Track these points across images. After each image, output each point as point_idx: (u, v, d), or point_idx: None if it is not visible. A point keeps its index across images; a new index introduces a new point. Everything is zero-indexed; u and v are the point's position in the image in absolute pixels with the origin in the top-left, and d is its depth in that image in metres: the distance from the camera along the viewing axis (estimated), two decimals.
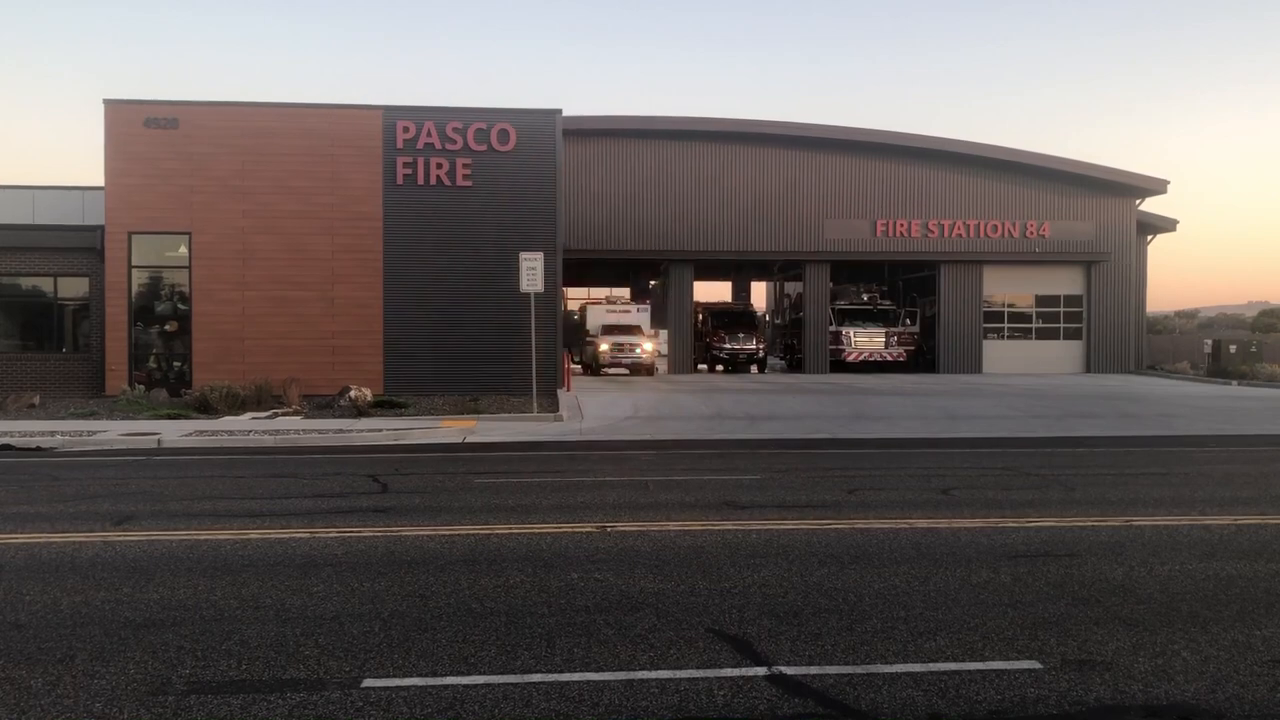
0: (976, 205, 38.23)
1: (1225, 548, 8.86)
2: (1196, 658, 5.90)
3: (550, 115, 26.92)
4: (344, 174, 26.09)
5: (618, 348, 36.73)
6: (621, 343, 36.76)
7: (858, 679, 5.52)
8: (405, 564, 8.17)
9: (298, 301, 25.91)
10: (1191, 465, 14.81)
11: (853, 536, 9.29)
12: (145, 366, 25.80)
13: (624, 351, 36.66)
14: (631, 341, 36.80)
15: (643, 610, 6.82)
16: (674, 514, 10.41)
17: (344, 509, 10.90)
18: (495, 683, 5.45)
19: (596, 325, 38.78)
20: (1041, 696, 5.29)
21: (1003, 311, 39.77)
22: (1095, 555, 8.51)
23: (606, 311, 40.44)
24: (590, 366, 38.29)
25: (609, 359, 36.71)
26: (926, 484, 12.79)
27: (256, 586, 7.44)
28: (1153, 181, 39.05)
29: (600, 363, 36.85)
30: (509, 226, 26.16)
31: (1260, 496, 11.75)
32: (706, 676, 5.56)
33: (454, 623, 6.53)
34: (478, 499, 11.50)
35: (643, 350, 36.81)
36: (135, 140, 25.48)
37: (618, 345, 36.77)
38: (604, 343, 36.87)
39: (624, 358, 36.68)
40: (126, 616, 6.67)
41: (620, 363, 36.74)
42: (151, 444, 16.98)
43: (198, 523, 9.95)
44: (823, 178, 37.81)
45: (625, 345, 36.71)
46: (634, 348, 36.63)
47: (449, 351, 26.16)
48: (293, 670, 5.65)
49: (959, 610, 6.85)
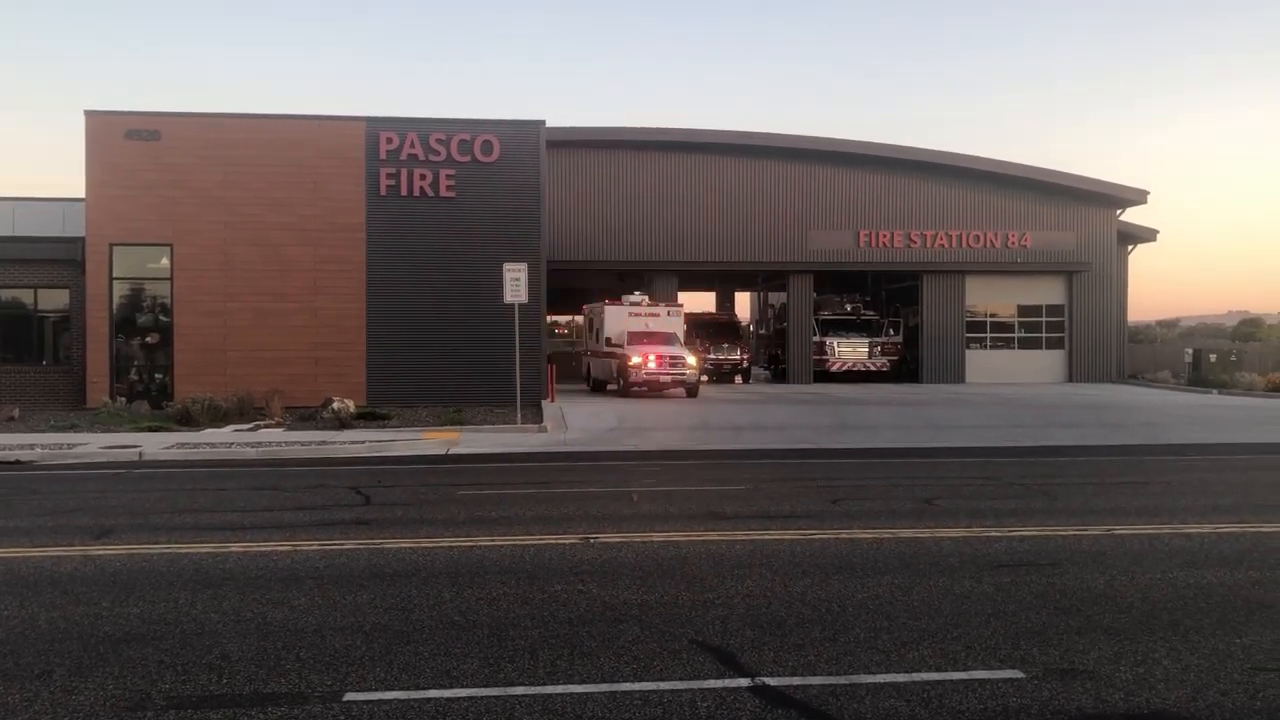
0: (959, 216, 38.42)
1: (1206, 556, 8.91)
2: (1177, 666, 5.93)
3: (534, 126, 26.98)
4: (327, 185, 26.05)
5: (655, 361, 29.43)
6: (660, 355, 29.55)
7: (841, 689, 5.52)
8: (388, 576, 8.13)
9: (280, 313, 25.83)
10: (1172, 474, 14.90)
11: (836, 546, 9.29)
12: (126, 379, 25.66)
13: (663, 366, 29.44)
14: (672, 354, 29.76)
15: (626, 622, 6.80)
16: (658, 525, 10.40)
17: (326, 521, 10.84)
18: (478, 695, 5.42)
19: (619, 332, 31.25)
20: (1024, 706, 5.30)
21: (985, 321, 39.95)
22: (1077, 564, 8.54)
23: (630, 315, 32.03)
24: (601, 383, 32.42)
25: (642, 376, 29.31)
26: (910, 494, 12.82)
27: (237, 600, 7.39)
28: (1133, 192, 39.36)
29: (630, 380, 29.37)
30: (492, 237, 26.15)
31: (1240, 504, 11.82)
32: (690, 688, 5.54)
33: (436, 635, 6.50)
34: (461, 511, 11.46)
35: (686, 365, 29.73)
36: (116, 151, 25.39)
37: (656, 359, 29.46)
38: (634, 354, 29.50)
39: (664, 374, 29.49)
40: (106, 631, 6.62)
41: (659, 380, 29.55)
42: (133, 457, 16.86)
43: (179, 536, 9.88)
44: (806, 188, 37.93)
45: (664, 358, 29.48)
46: (676, 361, 29.57)
47: (433, 363, 26.11)
48: (274, 684, 5.61)
49: (942, 620, 6.86)
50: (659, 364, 29.40)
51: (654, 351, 29.67)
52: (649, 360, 29.38)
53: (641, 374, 29.28)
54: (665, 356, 29.50)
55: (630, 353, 29.75)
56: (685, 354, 30.20)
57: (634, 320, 31.76)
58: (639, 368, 29.29)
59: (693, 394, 29.98)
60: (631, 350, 29.84)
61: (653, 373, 29.36)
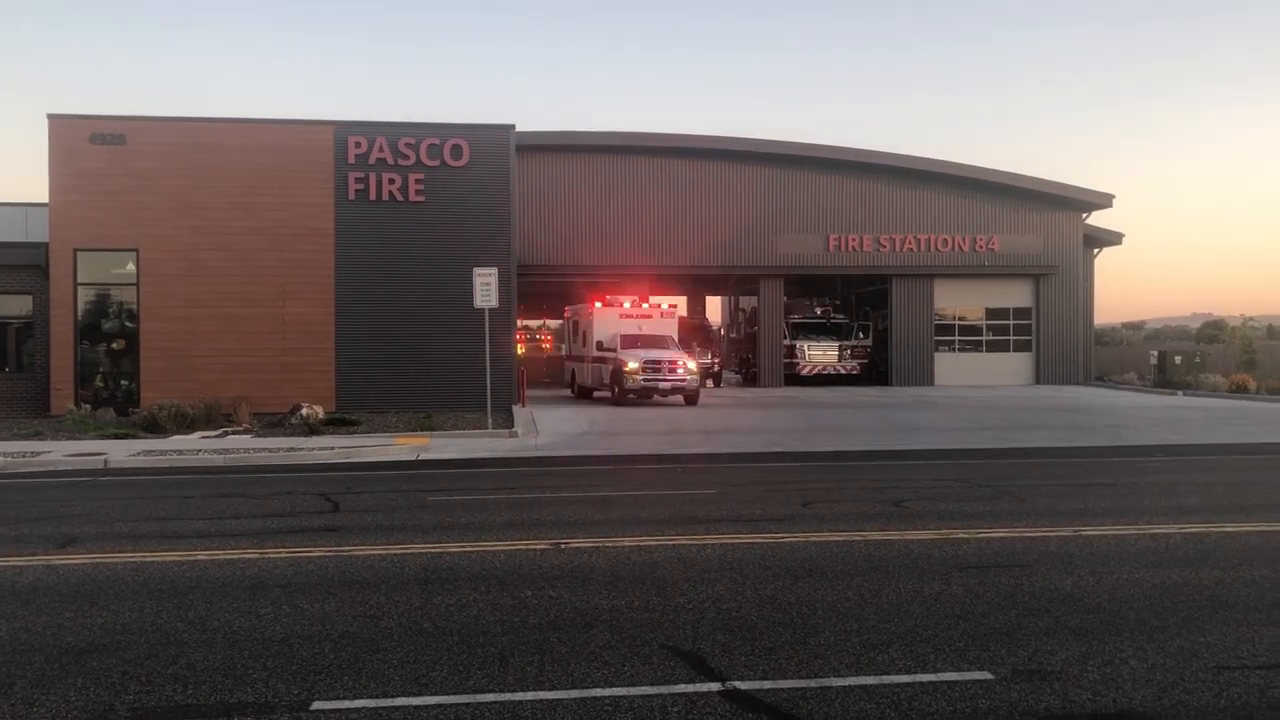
0: (927, 219, 38.69)
1: (1171, 556, 9.00)
2: (1143, 665, 5.98)
3: (504, 130, 26.92)
4: (295, 189, 25.86)
5: (653, 367, 27.82)
6: (658, 360, 27.95)
7: (811, 693, 5.53)
8: (356, 584, 8.07)
9: (248, 318, 25.61)
10: (1139, 475, 15.05)
11: (806, 549, 9.31)
12: (92, 385, 25.34)
13: (662, 372, 27.80)
14: (670, 358, 28.21)
15: (597, 627, 6.78)
16: (628, 529, 10.39)
17: (294, 528, 10.75)
18: (447, 703, 5.39)
19: (610, 336, 29.84)
20: (993, 707, 5.33)
21: (954, 324, 40.22)
22: (1045, 565, 8.60)
23: (620, 317, 30.59)
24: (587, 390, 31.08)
25: (639, 382, 27.74)
26: (879, 496, 12.87)
27: (204, 608, 7.30)
28: (1098, 196, 39.77)
29: (625, 387, 27.87)
30: (463, 242, 26.04)
31: (1204, 505, 11.96)
32: (660, 693, 5.53)
33: (405, 643, 6.45)
34: (431, 517, 11.40)
35: (686, 369, 28.14)
36: (81, 156, 25.10)
37: (652, 364, 27.83)
38: (630, 359, 27.94)
39: (662, 380, 27.85)
40: (69, 642, 6.52)
41: (657, 387, 27.99)
42: (98, 464, 16.65)
43: (144, 544, 9.77)
44: (776, 192, 38.08)
45: (663, 364, 27.90)
46: (675, 366, 28.00)
47: (403, 368, 25.97)
48: (240, 694, 5.55)
49: (911, 622, 6.89)
50: (657, 370, 27.85)
51: (651, 356, 28.12)
52: (646, 365, 27.83)
53: (639, 380, 27.73)
54: (663, 361, 27.98)
55: (625, 358, 28.12)
56: (684, 358, 28.69)
57: (625, 323, 30.31)
58: (635, 374, 27.70)
59: (692, 401, 28.37)
60: (626, 355, 28.26)
61: (651, 379, 27.83)
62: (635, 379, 27.67)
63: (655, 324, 30.80)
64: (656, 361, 27.94)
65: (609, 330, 30.13)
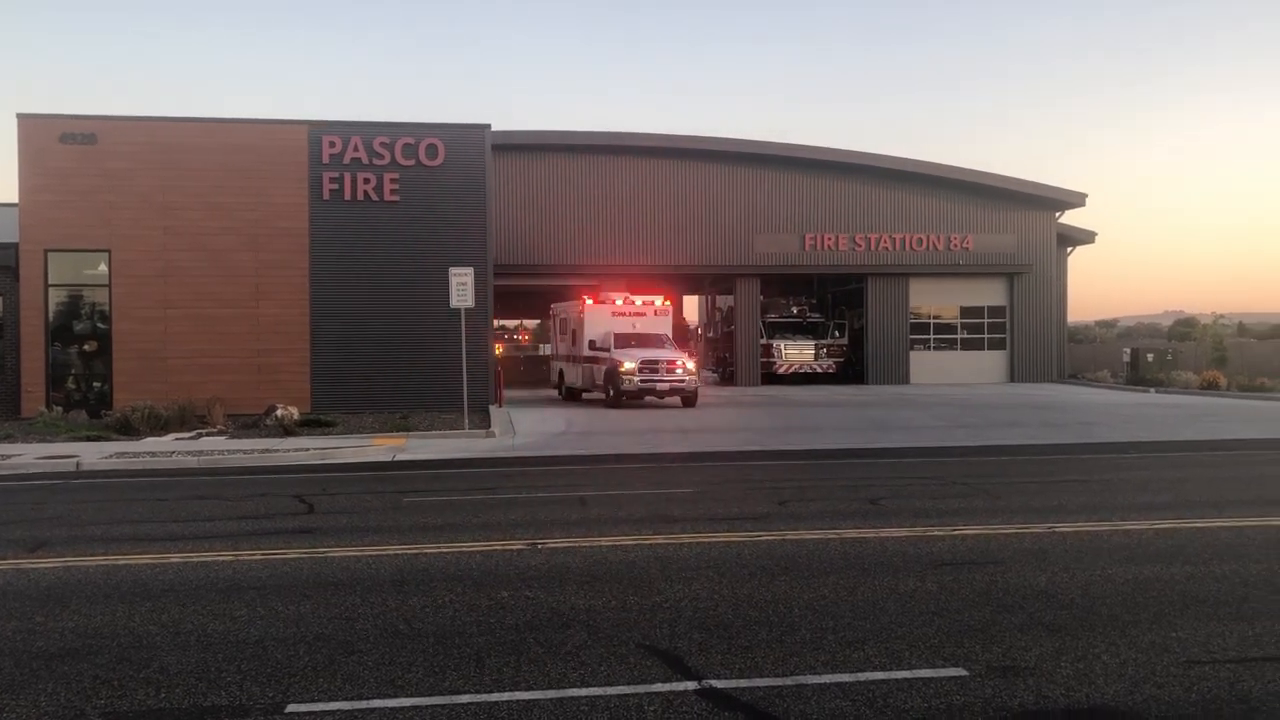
0: (902, 219, 38.86)
1: (1144, 552, 9.08)
2: (1116, 660, 6.03)
3: (479, 130, 26.84)
4: (269, 190, 25.69)
5: (650, 367, 26.77)
6: (655, 360, 26.91)
7: (787, 691, 5.55)
8: (331, 585, 8.03)
9: (222, 319, 25.42)
10: (1112, 472, 15.18)
11: (783, 548, 9.34)
12: (64, 387, 25.09)
13: (660, 372, 26.79)
14: (668, 358, 27.21)
15: (573, 627, 6.78)
16: (605, 529, 10.38)
17: (269, 530, 10.69)
18: (423, 705, 5.37)
19: (603, 335, 28.59)
20: (968, 704, 5.36)
21: (929, 323, 40.41)
22: (1019, 562, 8.66)
23: (613, 315, 29.38)
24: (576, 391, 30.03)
25: (637, 384, 26.67)
26: (855, 494, 12.93)
27: (177, 611, 7.25)
28: (1072, 195, 40.06)
29: (621, 388, 26.78)
30: (438, 242, 25.94)
31: (1176, 501, 12.07)
32: (637, 692, 5.54)
33: (381, 644, 6.43)
34: (406, 518, 11.36)
35: (685, 369, 27.17)
36: (51, 155, 24.84)
37: (650, 364, 26.78)
38: (626, 359, 26.85)
39: (660, 381, 26.82)
40: (39, 646, 6.45)
41: (655, 388, 26.94)
42: (70, 467, 16.49)
43: (116, 547, 9.68)
44: (752, 192, 38.14)
45: (661, 363, 26.86)
46: (673, 366, 26.98)
47: (378, 368, 25.85)
48: (214, 697, 5.51)
49: (886, 619, 6.92)
50: (655, 370, 26.82)
51: (648, 355, 27.08)
52: (644, 365, 26.77)
53: (635, 381, 26.64)
54: (661, 361, 26.93)
55: (621, 357, 27.02)
56: (683, 358, 27.72)
57: (618, 321, 29.14)
58: (632, 374, 26.60)
59: (690, 403, 27.26)
60: (621, 354, 27.17)
61: (648, 379, 26.77)
62: (632, 380, 26.64)
63: (649, 322, 29.66)
64: (654, 361, 26.97)
65: (601, 329, 28.88)
